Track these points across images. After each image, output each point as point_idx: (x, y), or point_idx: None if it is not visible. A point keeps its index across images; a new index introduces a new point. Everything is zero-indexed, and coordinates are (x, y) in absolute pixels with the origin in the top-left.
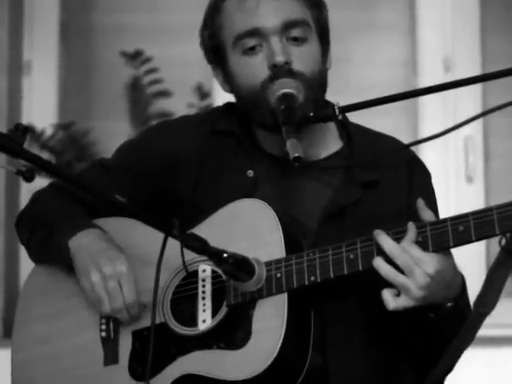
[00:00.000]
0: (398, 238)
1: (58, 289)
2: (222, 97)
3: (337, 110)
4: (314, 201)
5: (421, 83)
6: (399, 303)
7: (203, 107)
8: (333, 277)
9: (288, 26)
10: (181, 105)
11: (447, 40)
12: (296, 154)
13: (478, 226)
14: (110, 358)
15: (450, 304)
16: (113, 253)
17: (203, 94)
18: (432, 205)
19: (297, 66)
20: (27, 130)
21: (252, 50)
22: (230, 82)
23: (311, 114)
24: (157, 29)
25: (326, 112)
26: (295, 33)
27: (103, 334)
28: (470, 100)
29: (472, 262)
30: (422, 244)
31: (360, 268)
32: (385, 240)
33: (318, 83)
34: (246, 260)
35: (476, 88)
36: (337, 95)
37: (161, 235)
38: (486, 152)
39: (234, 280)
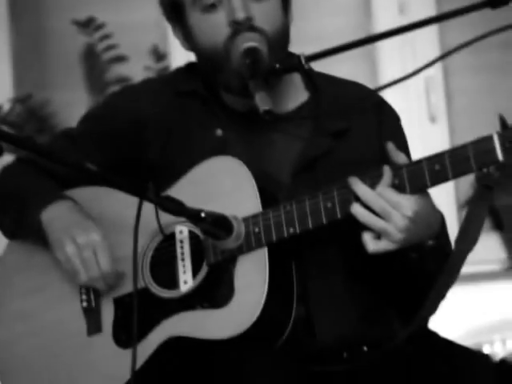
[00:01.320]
0: (374, 182)
1: (35, 264)
2: (178, 58)
3: (303, 60)
4: (284, 155)
5: (376, 27)
6: (380, 246)
7: (160, 69)
8: (311, 227)
9: None
10: (137, 68)
11: None
12: (266, 108)
13: (455, 164)
14: (93, 327)
15: (431, 242)
16: (86, 223)
17: (159, 56)
18: (403, 147)
19: (259, 22)
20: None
21: (212, 6)
22: (190, 41)
23: (277, 66)
24: None
25: (292, 62)
26: None
27: (84, 304)
28: (427, 40)
29: (442, 202)
30: (399, 186)
31: (338, 216)
32: (359, 187)
33: (280, 39)
34: (223, 218)
35: (432, 28)
36: (292, 45)
37: (135, 200)
38: (447, 91)
39: (213, 239)
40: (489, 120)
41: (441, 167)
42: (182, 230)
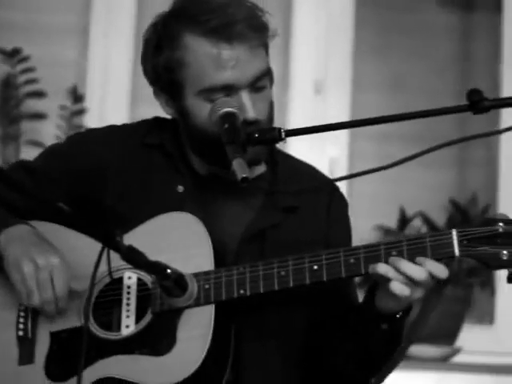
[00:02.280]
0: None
1: None
2: (94, 101)
3: (283, 134)
4: (235, 222)
5: (291, 103)
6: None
7: (75, 111)
8: (263, 291)
9: (258, 79)
10: (53, 106)
11: (320, 62)
12: (244, 175)
13: (412, 252)
14: (26, 357)
15: (399, 315)
16: (46, 246)
17: (77, 97)
18: (347, 233)
19: (259, 115)
20: None
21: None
22: (179, 113)
23: (256, 135)
24: (34, 28)
25: (271, 135)
26: (261, 83)
27: (20, 332)
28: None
29: None
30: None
31: (291, 284)
32: (407, 265)
33: (271, 121)
34: (182, 276)
35: (345, 113)
36: None
37: (87, 241)
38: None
39: (166, 294)
40: (389, 209)
41: (398, 253)
42: (131, 277)
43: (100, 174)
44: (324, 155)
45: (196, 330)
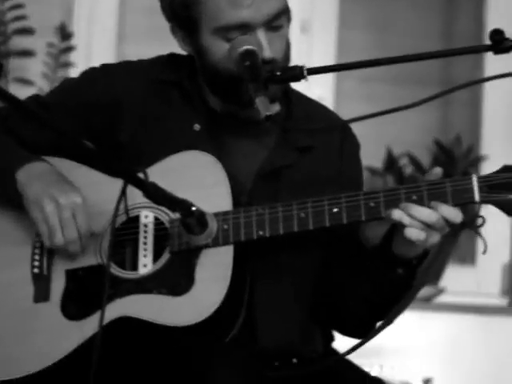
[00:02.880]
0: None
1: None
2: (81, 39)
3: (305, 72)
4: (250, 160)
5: None
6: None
7: (63, 48)
8: (282, 233)
9: (274, 17)
10: (40, 43)
11: (306, 1)
12: (268, 113)
13: (431, 197)
14: (41, 294)
15: (415, 261)
16: (66, 184)
17: (65, 34)
18: (359, 174)
19: (275, 55)
20: (2, 66)
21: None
22: (196, 50)
23: (278, 73)
24: None
25: (293, 73)
26: (277, 22)
27: (35, 270)
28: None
29: None
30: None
31: (310, 226)
32: (418, 210)
33: (287, 61)
34: (203, 214)
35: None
36: None
37: (102, 178)
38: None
39: (188, 232)
40: (375, 149)
41: (418, 198)
42: (148, 215)
43: (116, 108)
44: (311, 94)
45: (215, 271)
